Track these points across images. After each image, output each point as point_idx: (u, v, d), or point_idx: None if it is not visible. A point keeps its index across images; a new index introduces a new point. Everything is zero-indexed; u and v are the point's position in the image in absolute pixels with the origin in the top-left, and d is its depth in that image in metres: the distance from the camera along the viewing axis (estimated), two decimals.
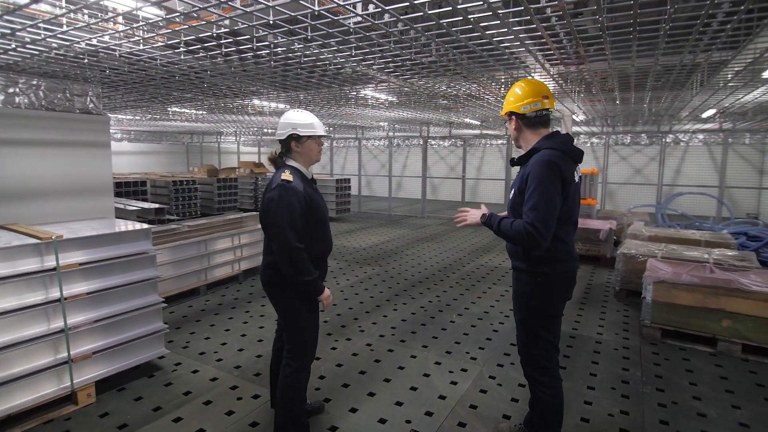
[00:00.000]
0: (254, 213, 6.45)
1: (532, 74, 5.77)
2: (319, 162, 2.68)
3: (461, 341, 4.04)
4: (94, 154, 4.92)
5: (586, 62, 4.72)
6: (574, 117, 9.61)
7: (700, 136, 12.34)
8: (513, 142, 2.47)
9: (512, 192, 2.31)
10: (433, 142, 15.75)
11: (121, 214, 6.53)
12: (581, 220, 7.48)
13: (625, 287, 5.25)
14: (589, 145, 14.05)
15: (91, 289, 2.96)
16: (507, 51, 4.43)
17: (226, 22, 3.35)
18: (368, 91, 7.37)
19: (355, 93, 7.51)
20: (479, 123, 12.03)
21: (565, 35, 3.95)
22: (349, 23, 3.52)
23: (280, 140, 2.51)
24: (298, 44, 4.17)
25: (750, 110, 8.34)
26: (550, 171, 2.09)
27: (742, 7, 2.99)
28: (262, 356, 3.71)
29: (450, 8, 3.10)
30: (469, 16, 3.40)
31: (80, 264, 2.91)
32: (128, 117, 11.41)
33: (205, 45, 4.02)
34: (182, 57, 4.53)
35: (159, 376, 3.36)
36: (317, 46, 4.21)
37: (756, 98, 6.96)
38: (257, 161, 15.30)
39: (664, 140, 11.07)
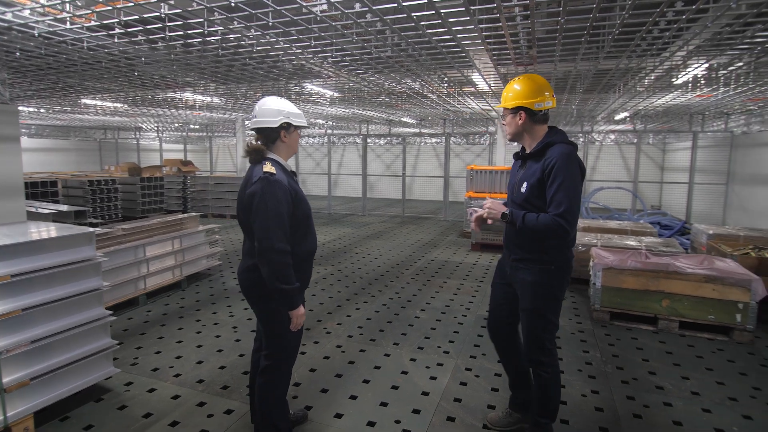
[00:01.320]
0: (194, 214, 5.97)
1: (481, 74, 5.97)
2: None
3: (430, 336, 4.05)
4: (1, 149, 4.27)
5: (535, 63, 4.95)
6: None
7: (612, 136, 13.60)
8: (508, 135, 2.42)
9: (524, 186, 2.29)
10: (371, 141, 15.73)
11: (34, 218, 5.72)
12: None
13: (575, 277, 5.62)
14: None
15: (26, 305, 2.53)
16: (466, 48, 4.53)
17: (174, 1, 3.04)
18: (314, 86, 7.16)
19: (299, 88, 7.26)
20: (418, 122, 12.24)
21: (526, 35, 4.12)
22: (316, 11, 3.36)
23: (263, 129, 2.26)
24: (255, 31, 3.91)
25: (659, 113, 9.33)
26: (574, 164, 2.18)
27: (684, 16, 3.30)
28: (226, 367, 3.42)
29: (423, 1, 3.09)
30: (441, 11, 3.42)
31: (12, 276, 2.46)
32: (31, 109, 10.07)
33: (148, 27, 3.63)
34: (116, 40, 4.06)
35: (109, 399, 2.96)
36: (275, 35, 3.98)
37: (666, 102, 7.78)
38: (184, 159, 14.25)
39: (586, 139, 12.00)
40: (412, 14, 3.38)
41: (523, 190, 2.30)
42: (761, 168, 8.49)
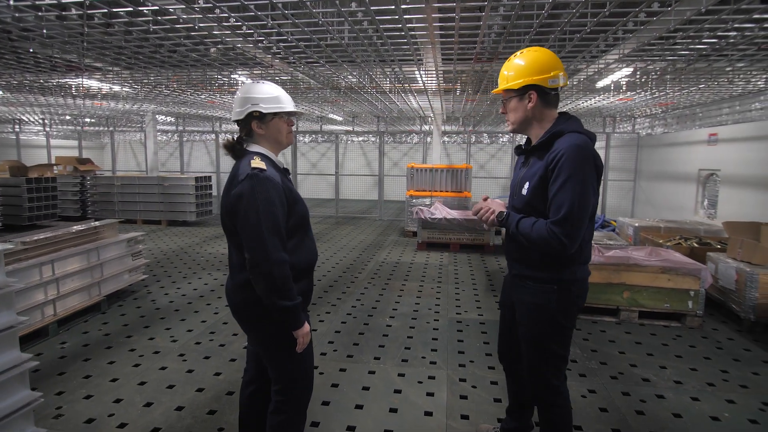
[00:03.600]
0: (112, 221, 5.05)
1: (421, 71, 5.83)
2: (290, 146, 2.07)
3: (410, 346, 3.77)
4: None
5: (496, 60, 4.91)
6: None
7: None
8: (511, 125, 1.97)
9: (526, 185, 1.89)
10: (301, 138, 14.99)
11: None
12: (464, 211, 7.94)
13: None
14: (444, 141, 15.18)
15: None
16: (418, 41, 4.31)
17: None
18: (243, 77, 6.48)
19: (227, 78, 6.54)
20: (351, 119, 11.90)
21: (499, 30, 4.01)
22: None
23: (237, 122, 1.91)
24: (179, 3, 3.30)
25: (579, 115, 10.04)
26: (585, 159, 1.74)
27: (638, 23, 3.41)
28: (184, 408, 2.82)
29: None
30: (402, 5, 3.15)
31: None
32: None
33: None
34: (11, 2, 3.20)
35: None
36: (202, 10, 3.40)
37: (589, 105, 8.34)
38: (81, 156, 12.33)
39: (514, 138, 12.54)
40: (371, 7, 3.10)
41: (524, 192, 1.89)
42: (664, 166, 9.52)
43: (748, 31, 3.66)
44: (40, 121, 12.45)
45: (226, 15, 3.43)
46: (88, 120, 12.67)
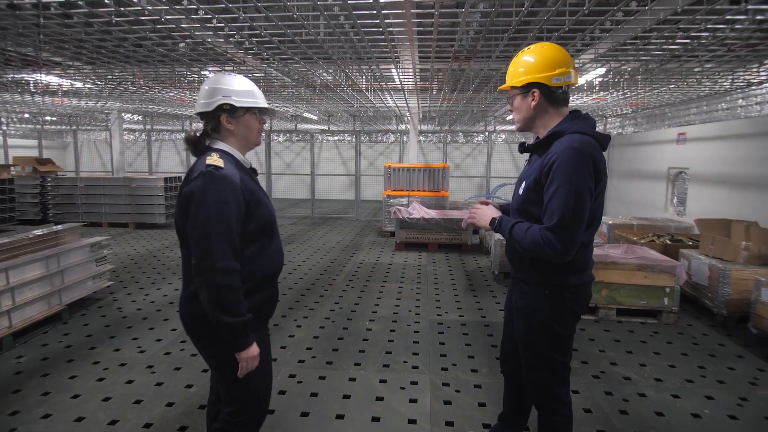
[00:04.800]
0: (74, 225, 4.76)
1: (398, 69, 5.75)
2: (258, 146, 1.93)
3: (392, 350, 3.67)
4: None
5: (473, 59, 4.87)
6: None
7: (503, 136, 14.61)
8: (517, 123, 1.92)
9: (522, 186, 1.85)
10: (275, 137, 14.68)
11: None
12: (442, 211, 7.91)
13: (503, 270, 5.71)
14: (420, 140, 15.17)
15: None
16: (396, 38, 4.23)
17: None
18: (213, 74, 6.25)
19: (196, 75, 6.29)
20: (326, 118, 11.72)
21: (478, 28, 3.96)
22: None
23: (202, 114, 1.75)
24: (165, 1, 3.13)
25: None
26: (582, 163, 1.66)
27: (623, 23, 3.41)
28: (153, 425, 2.64)
29: None
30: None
31: None
32: None
33: None
34: None
35: None
36: (169, 2, 3.22)
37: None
38: (41, 156, 11.71)
39: (491, 137, 12.59)
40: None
41: (520, 191, 1.87)
42: (634, 165, 9.74)
43: (719, 32, 3.73)
44: None
45: (195, 7, 3.25)
46: (48, 118, 12.05)
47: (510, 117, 2.10)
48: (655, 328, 4.18)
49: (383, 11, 3.30)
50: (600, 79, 6.14)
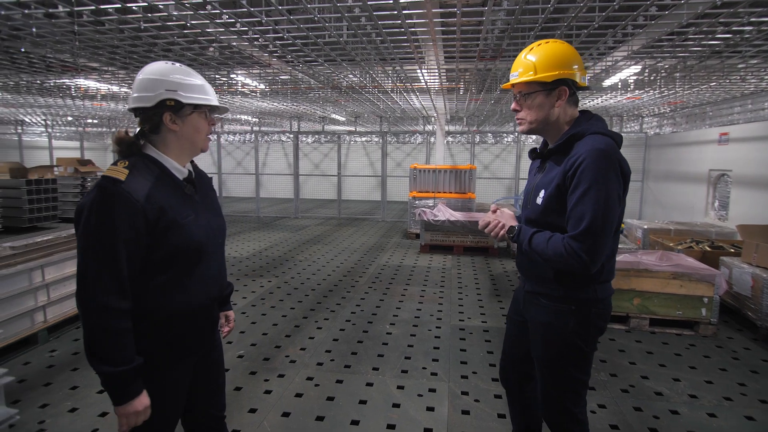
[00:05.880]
0: None
1: (423, 69, 5.68)
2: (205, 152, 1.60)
3: (411, 356, 3.62)
4: None
5: (499, 58, 4.75)
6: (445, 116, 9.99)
7: (534, 137, 14.27)
8: (528, 125, 1.72)
9: (541, 193, 1.69)
10: (304, 138, 14.87)
11: None
12: (469, 213, 7.78)
13: None
14: (448, 141, 15.00)
15: None
16: (419, 39, 4.17)
17: None
18: (244, 78, 6.36)
19: (227, 78, 6.42)
20: (353, 119, 11.77)
21: (503, 26, 3.86)
22: None
23: (138, 110, 1.45)
24: (186, 10, 3.19)
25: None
26: (610, 164, 1.53)
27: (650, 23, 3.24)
28: None
29: None
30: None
31: None
32: None
33: None
34: None
35: None
36: (193, 6, 3.27)
37: (596, 104, 8.15)
38: (82, 157, 12.27)
39: (520, 138, 12.33)
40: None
41: (538, 201, 1.70)
42: (673, 166, 9.30)
43: (765, 26, 3.48)
44: (42, 122, 12.41)
45: (218, 11, 3.30)
46: (90, 121, 12.62)
47: (517, 117, 1.89)
48: (691, 341, 3.95)
49: (404, 11, 3.25)
50: (635, 77, 5.89)
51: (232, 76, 6.18)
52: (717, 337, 4.02)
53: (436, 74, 5.87)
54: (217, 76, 6.28)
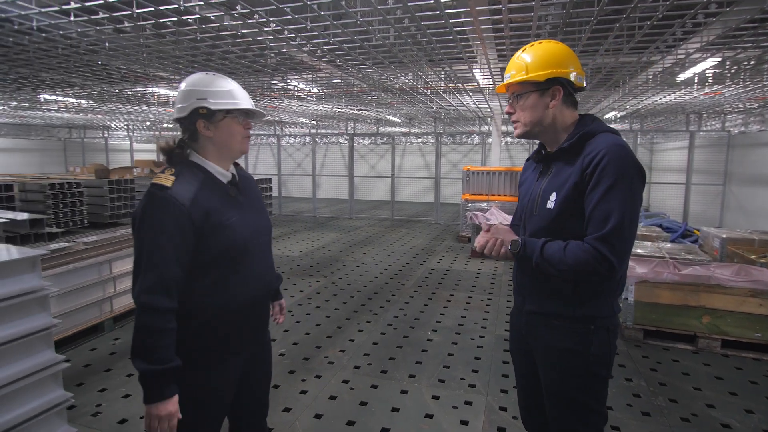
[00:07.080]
0: None
1: (473, 69, 5.51)
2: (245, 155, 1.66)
3: (450, 365, 3.52)
4: None
5: None
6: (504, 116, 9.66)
7: None
8: (522, 128, 1.60)
9: (552, 197, 1.52)
10: (355, 141, 15.11)
11: None
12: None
13: (641, 324, 4.88)
14: (506, 142, 14.53)
15: None
16: (469, 39, 4.04)
17: None
18: (299, 83, 6.55)
19: (283, 83, 6.65)
20: (407, 121, 11.76)
21: (554, 21, 3.65)
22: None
23: (179, 120, 1.54)
24: (236, 20, 3.33)
25: (656, 112, 9.08)
26: (632, 162, 1.42)
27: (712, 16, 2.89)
28: None
29: None
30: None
31: None
32: None
33: (110, 1, 2.98)
34: (72, 19, 3.38)
35: None
36: (241, 16, 3.38)
37: (669, 101, 7.49)
38: (157, 159, 13.34)
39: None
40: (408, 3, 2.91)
41: (550, 205, 1.52)
42: (760, 168, 8.32)
43: None
44: (125, 126, 13.61)
45: (265, 20, 3.41)
46: (165, 125, 13.65)
47: (512, 119, 1.74)
48: None
49: (447, 11, 3.16)
50: (713, 71, 5.33)
51: (287, 81, 6.39)
52: None
53: (489, 74, 5.69)
54: (273, 82, 6.53)
